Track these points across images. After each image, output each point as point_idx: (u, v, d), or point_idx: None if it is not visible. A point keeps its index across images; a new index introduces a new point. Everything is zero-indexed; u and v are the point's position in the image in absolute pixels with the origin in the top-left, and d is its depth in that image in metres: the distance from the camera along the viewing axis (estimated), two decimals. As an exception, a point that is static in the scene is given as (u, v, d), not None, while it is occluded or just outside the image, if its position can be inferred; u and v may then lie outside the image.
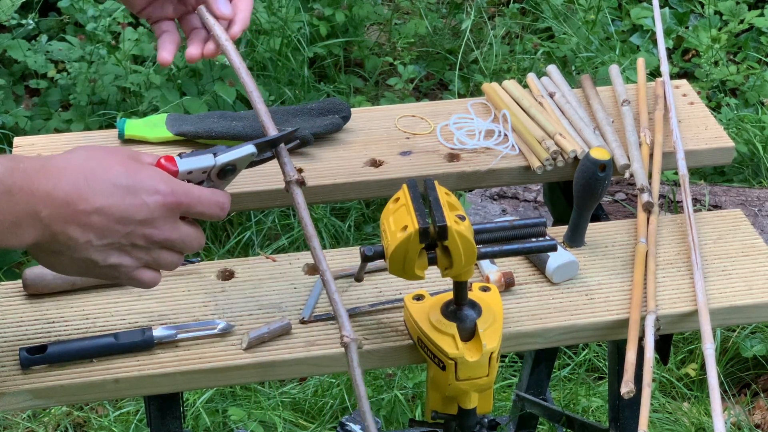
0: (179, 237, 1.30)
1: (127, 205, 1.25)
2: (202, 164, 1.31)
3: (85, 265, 1.28)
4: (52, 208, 1.22)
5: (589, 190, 1.68)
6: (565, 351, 3.02)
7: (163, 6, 1.57)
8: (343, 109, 1.97)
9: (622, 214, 3.04)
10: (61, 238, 1.24)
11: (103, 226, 1.25)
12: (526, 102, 1.98)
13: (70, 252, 1.26)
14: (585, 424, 2.09)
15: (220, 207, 1.32)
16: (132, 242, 1.27)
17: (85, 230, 1.24)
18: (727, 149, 1.97)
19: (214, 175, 1.33)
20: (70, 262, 1.28)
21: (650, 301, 1.61)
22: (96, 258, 1.27)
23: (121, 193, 1.25)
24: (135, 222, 1.26)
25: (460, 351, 1.45)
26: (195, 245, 1.33)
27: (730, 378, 2.99)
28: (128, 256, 1.28)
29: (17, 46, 3.69)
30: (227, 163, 1.33)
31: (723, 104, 3.84)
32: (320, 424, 2.77)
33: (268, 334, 1.55)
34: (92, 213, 1.24)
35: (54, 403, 1.53)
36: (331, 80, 3.93)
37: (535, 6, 4.31)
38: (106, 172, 1.25)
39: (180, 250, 1.32)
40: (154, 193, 1.26)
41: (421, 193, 1.46)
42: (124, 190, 1.25)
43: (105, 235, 1.25)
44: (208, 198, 1.31)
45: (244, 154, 1.34)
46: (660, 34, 2.10)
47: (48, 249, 1.26)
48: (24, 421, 2.83)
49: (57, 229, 1.23)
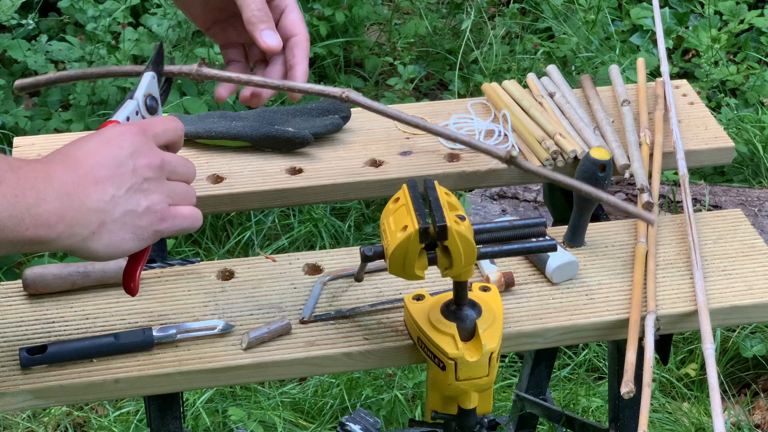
0: (172, 158, 1.34)
1: (109, 150, 1.28)
2: (130, 107, 1.41)
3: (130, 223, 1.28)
4: (61, 179, 1.23)
5: (589, 190, 1.68)
6: (565, 351, 3.02)
7: (225, 30, 1.57)
8: (343, 109, 1.97)
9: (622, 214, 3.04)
10: (90, 204, 1.24)
11: (111, 175, 1.27)
12: (526, 102, 1.98)
13: (108, 216, 1.26)
14: (585, 424, 2.09)
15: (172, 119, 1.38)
16: (143, 177, 1.29)
17: (102, 187, 1.26)
18: (727, 149, 1.97)
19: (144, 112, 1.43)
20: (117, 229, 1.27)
21: (650, 301, 1.61)
22: (131, 206, 1.28)
23: (98, 147, 1.29)
24: (127, 157, 1.28)
25: (460, 351, 1.45)
26: (191, 167, 1.36)
27: (730, 378, 2.99)
28: (152, 193, 1.30)
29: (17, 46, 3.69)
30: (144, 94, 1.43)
31: (723, 104, 3.84)
32: (320, 424, 2.77)
33: (268, 334, 1.55)
34: (94, 168, 1.26)
35: (54, 403, 1.53)
36: (331, 80, 3.93)
37: (535, 6, 4.31)
38: (74, 145, 1.29)
39: (182, 175, 1.35)
40: (121, 134, 1.30)
41: (421, 193, 1.46)
42: (98, 144, 1.29)
43: (119, 182, 1.27)
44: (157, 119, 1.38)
45: (148, 81, 1.44)
46: (660, 34, 2.10)
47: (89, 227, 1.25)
48: (24, 421, 2.83)
49: (80, 196, 1.24)
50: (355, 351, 1.54)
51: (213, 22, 1.58)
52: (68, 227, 1.23)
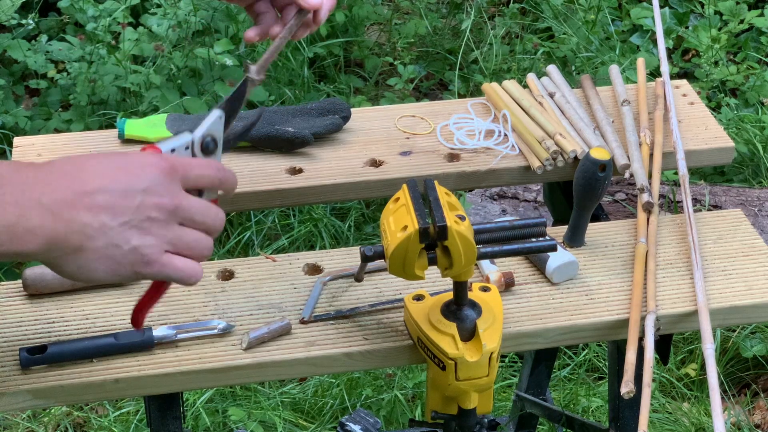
0: (191, 205, 1.25)
1: (125, 178, 1.21)
2: (182, 141, 1.31)
3: (110, 255, 1.21)
4: (53, 193, 1.18)
5: (589, 190, 1.68)
6: (565, 351, 3.02)
7: None
8: (343, 109, 1.97)
9: (622, 214, 3.04)
10: (75, 226, 1.18)
11: (111, 204, 1.20)
12: (526, 102, 1.98)
13: (90, 243, 1.20)
14: (585, 424, 2.09)
15: (217, 167, 1.29)
16: (147, 216, 1.21)
17: (95, 213, 1.19)
18: (727, 149, 1.97)
19: (198, 150, 1.33)
20: (95, 258, 1.21)
21: (650, 301, 1.61)
22: (118, 241, 1.20)
23: (114, 170, 1.21)
24: (138, 191, 1.21)
25: (460, 351, 1.45)
26: (215, 218, 1.27)
27: (730, 378, 2.99)
28: (148, 234, 1.22)
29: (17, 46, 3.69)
30: (204, 134, 1.33)
31: (723, 104, 3.84)
32: (320, 424, 2.77)
33: (268, 334, 1.55)
34: (94, 193, 1.19)
35: (54, 403, 1.53)
36: (331, 80, 3.93)
37: (535, 6, 4.31)
38: (91, 159, 1.23)
39: (201, 224, 1.26)
40: (146, 165, 1.23)
41: (421, 193, 1.46)
42: (115, 168, 1.22)
43: (116, 213, 1.20)
44: (200, 160, 1.29)
45: (212, 120, 1.35)
46: (660, 34, 2.10)
47: (67, 246, 1.19)
48: (24, 421, 2.83)
49: (67, 215, 1.18)
50: (355, 351, 1.54)
51: None
52: (46, 245, 1.18)
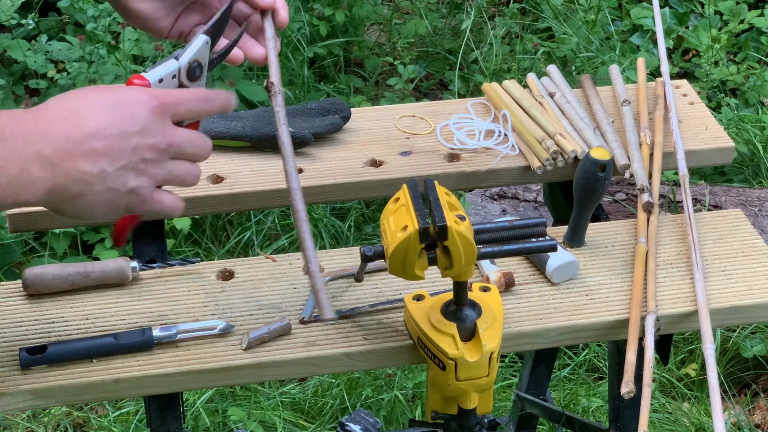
0: (182, 139, 1.29)
1: (119, 119, 1.24)
2: (169, 69, 1.33)
3: (108, 199, 1.26)
4: (53, 143, 1.21)
5: (589, 190, 1.68)
6: (565, 351, 3.02)
7: (188, 18, 1.55)
8: (343, 109, 1.97)
9: (622, 214, 3.04)
10: (75, 174, 1.22)
11: (108, 149, 1.24)
12: (526, 102, 1.98)
13: (90, 189, 1.24)
14: (585, 424, 2.09)
15: (205, 98, 1.33)
16: (142, 157, 1.26)
17: (94, 160, 1.23)
18: (727, 149, 1.97)
19: (185, 78, 1.35)
20: (95, 202, 1.26)
21: (650, 301, 1.61)
22: (116, 186, 1.25)
23: (107, 111, 1.24)
24: (133, 134, 1.25)
25: (460, 351, 1.45)
26: (202, 147, 1.32)
27: (730, 378, 2.99)
28: (144, 174, 1.27)
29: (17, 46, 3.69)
30: (190, 60, 1.35)
31: (723, 104, 3.84)
32: (320, 424, 2.77)
33: (268, 334, 1.55)
34: (91, 138, 1.23)
35: (54, 403, 1.53)
36: (331, 80, 3.93)
37: (535, 6, 4.31)
38: (86, 100, 1.25)
39: (191, 155, 1.31)
40: (137, 103, 1.26)
41: (421, 193, 1.46)
42: (108, 108, 1.25)
43: (114, 158, 1.24)
44: (189, 93, 1.32)
45: (199, 45, 1.36)
46: (660, 34, 2.10)
47: (67, 194, 1.24)
48: (24, 421, 2.83)
49: (67, 166, 1.22)
50: (355, 351, 1.54)
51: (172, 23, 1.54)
52: (47, 194, 1.22)
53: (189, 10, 1.53)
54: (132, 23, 1.52)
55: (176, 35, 1.54)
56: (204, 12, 1.53)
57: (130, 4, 1.49)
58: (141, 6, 1.49)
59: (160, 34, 1.53)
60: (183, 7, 1.52)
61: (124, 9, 1.50)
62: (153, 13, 1.50)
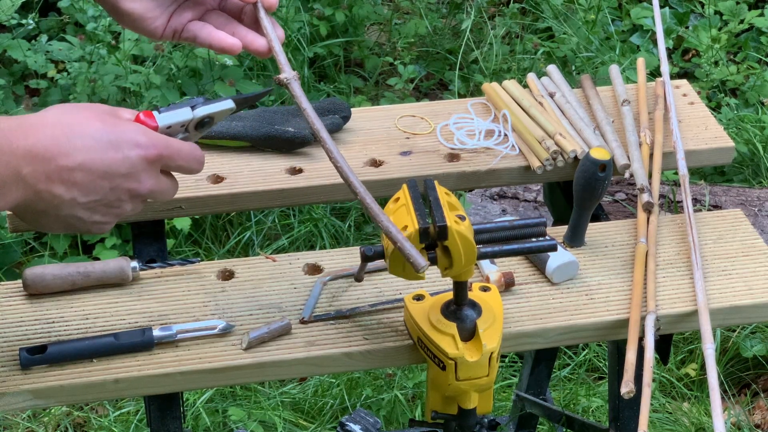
0: (161, 189, 1.31)
1: (110, 159, 1.24)
2: (181, 118, 1.32)
3: (70, 223, 1.28)
4: (34, 164, 1.21)
5: (589, 190, 1.68)
6: (565, 351, 3.02)
7: (181, 15, 1.52)
8: (343, 108, 1.97)
9: (622, 214, 3.04)
10: (46, 196, 1.23)
11: (87, 183, 1.24)
12: (526, 102, 1.98)
13: (55, 210, 1.25)
14: (585, 424, 2.09)
15: (198, 161, 1.34)
16: (118, 197, 1.27)
17: (69, 188, 1.24)
18: (727, 149, 1.97)
19: (192, 127, 1.35)
20: (55, 221, 1.27)
21: (650, 301, 1.61)
22: (81, 215, 1.26)
23: (102, 147, 1.24)
24: (118, 176, 1.26)
25: (460, 351, 1.45)
26: (171, 195, 1.34)
27: (730, 378, 2.99)
28: (111, 212, 1.28)
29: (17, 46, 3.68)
30: (205, 116, 1.34)
31: (723, 104, 3.84)
32: (320, 424, 2.77)
33: (268, 334, 1.55)
34: (75, 169, 1.23)
35: (54, 403, 1.53)
36: (331, 80, 3.93)
37: (535, 6, 4.31)
38: (85, 126, 1.25)
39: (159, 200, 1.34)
40: (135, 147, 1.26)
41: (421, 193, 1.46)
42: (105, 144, 1.25)
43: (90, 191, 1.25)
44: (187, 152, 1.32)
45: (223, 108, 1.35)
46: (660, 34, 2.10)
47: (33, 209, 1.25)
48: (24, 421, 2.83)
49: (41, 187, 1.22)
50: (355, 351, 1.54)
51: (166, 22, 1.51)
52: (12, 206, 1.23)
53: (182, 7, 1.51)
54: (125, 25, 1.49)
55: (170, 35, 1.51)
56: (196, 8, 1.51)
57: (121, 4, 1.46)
58: (133, 6, 1.46)
59: (154, 34, 1.50)
60: (176, 6, 1.50)
61: (116, 10, 1.47)
62: (146, 12, 1.48)
